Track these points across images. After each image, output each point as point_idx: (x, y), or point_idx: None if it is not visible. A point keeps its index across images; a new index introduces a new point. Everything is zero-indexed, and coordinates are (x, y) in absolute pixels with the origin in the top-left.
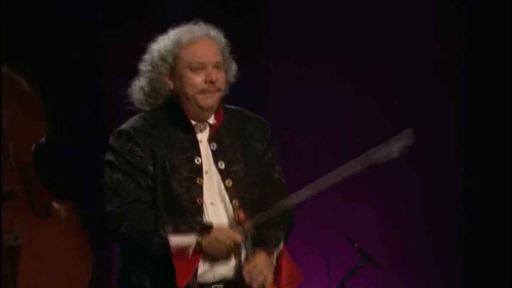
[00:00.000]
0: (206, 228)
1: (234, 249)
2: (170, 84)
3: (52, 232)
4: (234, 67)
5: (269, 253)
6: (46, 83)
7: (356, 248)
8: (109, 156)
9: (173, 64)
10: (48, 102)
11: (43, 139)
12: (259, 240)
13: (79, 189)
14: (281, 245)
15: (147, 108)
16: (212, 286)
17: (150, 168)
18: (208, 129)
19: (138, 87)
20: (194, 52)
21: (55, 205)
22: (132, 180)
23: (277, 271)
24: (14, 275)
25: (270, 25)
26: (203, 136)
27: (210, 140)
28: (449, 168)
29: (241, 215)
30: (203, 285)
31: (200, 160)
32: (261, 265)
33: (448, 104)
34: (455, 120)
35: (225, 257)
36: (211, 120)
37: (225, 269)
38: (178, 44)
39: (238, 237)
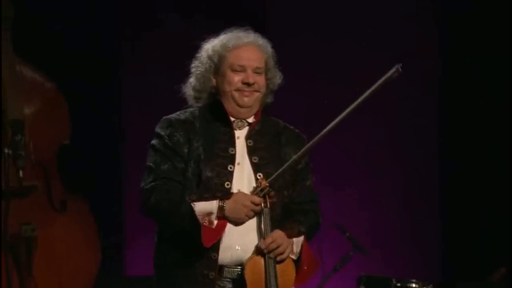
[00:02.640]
0: (226, 194)
1: (255, 213)
2: (214, 82)
3: (67, 225)
4: (278, 76)
5: (288, 236)
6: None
7: (347, 237)
8: (153, 140)
9: (218, 64)
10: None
11: (67, 141)
12: (281, 227)
13: (91, 186)
14: (302, 238)
15: (196, 104)
16: (229, 269)
17: (186, 151)
18: (247, 128)
19: (189, 83)
20: (238, 55)
21: (71, 201)
22: (168, 160)
23: (297, 262)
24: (30, 263)
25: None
26: (241, 133)
27: (248, 137)
28: (429, 163)
29: (261, 177)
30: (221, 266)
31: (234, 150)
32: (280, 240)
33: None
34: (435, 119)
35: (247, 220)
36: (250, 119)
37: (243, 250)
38: (225, 46)
39: (256, 199)
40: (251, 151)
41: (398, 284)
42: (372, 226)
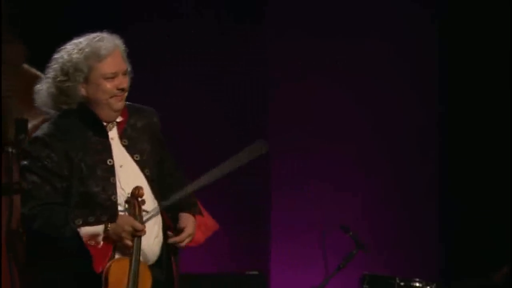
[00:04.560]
0: (114, 208)
1: (137, 236)
2: (83, 92)
3: None
4: (130, 67)
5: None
6: None
7: (351, 236)
8: (26, 161)
9: (87, 74)
10: None
11: None
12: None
13: None
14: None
15: (53, 111)
16: None
17: (66, 172)
18: (116, 127)
19: (46, 92)
20: (109, 63)
21: None
22: (48, 183)
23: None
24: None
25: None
26: (113, 134)
27: (121, 137)
28: (429, 162)
29: (141, 191)
30: None
31: (112, 161)
32: (190, 230)
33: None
34: (435, 118)
35: (128, 243)
36: (118, 119)
37: (149, 254)
38: (96, 56)
39: (137, 224)
40: (130, 150)
41: (402, 283)
42: (375, 225)
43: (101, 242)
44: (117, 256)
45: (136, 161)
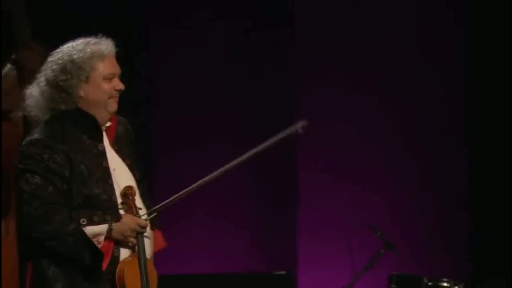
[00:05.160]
0: (115, 208)
1: (140, 232)
2: (82, 92)
3: None
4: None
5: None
6: None
7: (379, 235)
8: (27, 163)
9: (89, 73)
10: None
11: None
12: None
13: None
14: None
15: (42, 114)
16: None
17: (67, 173)
18: (105, 131)
19: (40, 95)
20: (109, 65)
21: None
22: (51, 184)
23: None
24: None
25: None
26: (105, 138)
27: (112, 141)
28: (456, 162)
29: (133, 190)
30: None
31: (107, 164)
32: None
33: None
34: (459, 120)
35: (131, 241)
36: (108, 123)
37: (147, 250)
38: (98, 57)
39: (141, 221)
40: (120, 154)
41: (430, 283)
42: (403, 225)
43: (102, 242)
44: (116, 253)
45: (127, 165)
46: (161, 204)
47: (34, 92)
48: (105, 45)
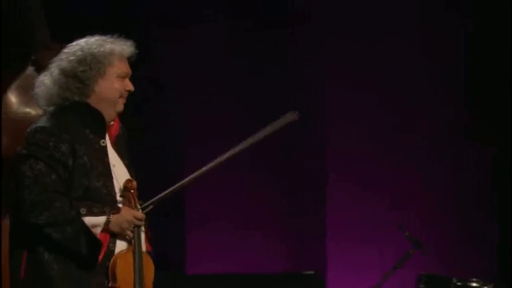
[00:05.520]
0: (114, 203)
1: (137, 225)
2: (96, 85)
3: None
4: None
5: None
6: None
7: (407, 236)
8: (31, 149)
9: (105, 69)
10: None
11: None
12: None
13: None
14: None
15: (48, 105)
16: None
17: (70, 163)
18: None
19: (52, 82)
20: (125, 64)
21: None
22: (54, 172)
23: None
24: None
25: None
26: (106, 135)
27: (113, 140)
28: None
29: (133, 183)
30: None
31: (107, 159)
32: None
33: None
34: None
35: (128, 234)
36: (111, 122)
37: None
38: (118, 54)
39: (138, 213)
40: (118, 152)
41: (459, 284)
42: (432, 225)
43: (99, 234)
44: (112, 247)
45: (124, 164)
46: (156, 197)
47: (46, 80)
48: (126, 45)
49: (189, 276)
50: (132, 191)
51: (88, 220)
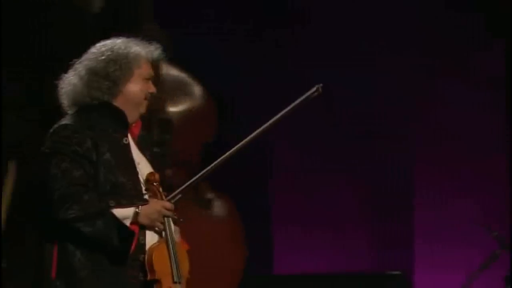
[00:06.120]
0: (141, 196)
1: (167, 216)
2: (124, 86)
3: (212, 223)
4: None
5: None
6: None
7: (495, 236)
8: (56, 147)
9: (134, 71)
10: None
11: (212, 140)
12: None
13: (238, 185)
14: None
15: (73, 104)
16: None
17: (94, 158)
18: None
19: (79, 81)
20: (150, 67)
21: (216, 199)
22: (80, 167)
23: None
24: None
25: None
26: (129, 134)
27: (135, 140)
28: None
29: (156, 176)
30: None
31: (132, 155)
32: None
33: None
34: None
35: (158, 226)
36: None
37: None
38: (147, 58)
39: (167, 204)
40: (142, 150)
41: None
42: None
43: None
44: (142, 240)
45: (148, 160)
46: (183, 186)
47: (73, 80)
48: (152, 49)
49: (276, 276)
50: (155, 183)
51: (117, 212)
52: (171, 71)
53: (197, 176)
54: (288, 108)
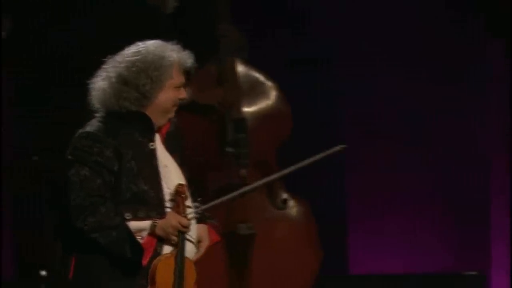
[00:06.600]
0: (161, 205)
1: (182, 232)
2: (154, 97)
3: (287, 224)
4: None
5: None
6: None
7: None
8: (76, 155)
9: (164, 82)
10: None
11: (287, 139)
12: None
13: (313, 186)
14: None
15: (100, 111)
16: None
17: (116, 167)
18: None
19: (110, 88)
20: (182, 75)
21: (291, 200)
22: (99, 177)
23: None
24: (247, 261)
25: None
26: (157, 137)
27: (163, 139)
28: None
29: (183, 188)
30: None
31: (157, 162)
32: (207, 242)
33: None
34: None
35: (173, 239)
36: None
37: (189, 253)
38: (178, 67)
39: (184, 220)
40: (172, 154)
41: None
42: None
43: (145, 238)
44: (159, 249)
45: (177, 163)
46: (207, 205)
47: (104, 86)
48: (185, 56)
49: (351, 277)
50: (182, 195)
51: (134, 224)
52: (246, 71)
53: (226, 197)
54: (309, 160)
